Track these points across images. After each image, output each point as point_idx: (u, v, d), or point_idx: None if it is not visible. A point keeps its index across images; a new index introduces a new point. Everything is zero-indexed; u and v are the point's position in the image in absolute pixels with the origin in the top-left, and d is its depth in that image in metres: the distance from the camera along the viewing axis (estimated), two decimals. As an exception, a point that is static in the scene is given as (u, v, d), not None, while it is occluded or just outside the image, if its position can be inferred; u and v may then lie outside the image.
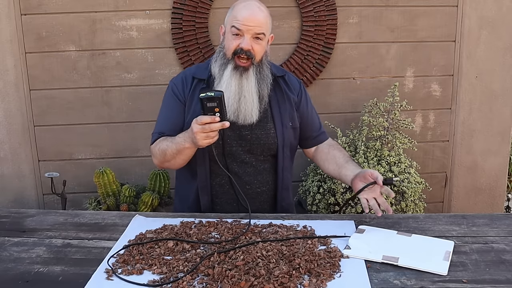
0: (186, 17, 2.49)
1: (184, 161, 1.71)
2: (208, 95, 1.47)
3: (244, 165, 1.77)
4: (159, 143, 1.73)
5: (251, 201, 1.73)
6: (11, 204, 2.62)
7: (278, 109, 1.79)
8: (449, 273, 1.26)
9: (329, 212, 2.39)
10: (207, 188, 1.78)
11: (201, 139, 1.51)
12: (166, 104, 1.83)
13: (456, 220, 1.59)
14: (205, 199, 1.78)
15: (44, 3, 2.44)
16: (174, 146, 1.64)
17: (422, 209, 2.41)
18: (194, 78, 1.79)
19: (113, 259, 1.35)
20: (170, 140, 1.68)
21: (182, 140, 1.61)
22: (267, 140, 1.76)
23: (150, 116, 2.60)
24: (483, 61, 2.66)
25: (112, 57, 2.53)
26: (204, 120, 1.49)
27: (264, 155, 1.79)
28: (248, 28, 1.65)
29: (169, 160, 1.69)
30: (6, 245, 1.44)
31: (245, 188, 1.77)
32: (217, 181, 1.79)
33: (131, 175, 2.65)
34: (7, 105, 2.53)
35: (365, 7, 2.57)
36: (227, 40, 1.70)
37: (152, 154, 1.79)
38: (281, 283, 1.18)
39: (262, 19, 1.67)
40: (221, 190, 1.79)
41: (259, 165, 1.80)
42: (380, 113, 2.45)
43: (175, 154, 1.66)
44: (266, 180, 1.81)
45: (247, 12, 1.65)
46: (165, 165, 1.75)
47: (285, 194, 1.85)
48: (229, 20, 1.70)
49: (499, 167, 2.79)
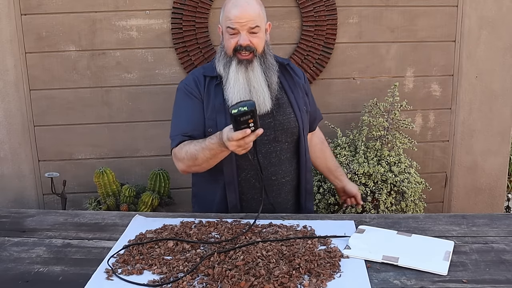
0: (186, 17, 2.49)
1: (216, 163, 1.68)
2: (241, 110, 1.38)
3: (269, 156, 1.78)
4: (185, 147, 1.69)
5: (276, 192, 1.79)
6: (11, 204, 2.62)
7: (292, 94, 1.83)
8: (449, 273, 1.25)
9: (329, 212, 2.39)
10: (234, 185, 1.76)
11: (239, 152, 1.50)
12: (183, 105, 1.79)
13: (456, 220, 1.59)
14: (232, 196, 1.77)
15: (44, 3, 2.44)
16: (207, 151, 1.61)
17: (422, 209, 2.41)
18: (205, 76, 1.79)
19: (113, 259, 1.35)
20: (200, 145, 1.64)
21: (218, 145, 1.57)
22: (289, 125, 1.79)
23: (150, 116, 2.60)
24: (483, 61, 2.66)
25: (112, 57, 2.53)
26: (236, 137, 1.43)
27: (288, 142, 1.81)
28: (242, 25, 1.67)
29: (200, 164, 1.66)
30: (6, 245, 1.44)
31: (271, 179, 1.78)
32: (243, 176, 1.78)
33: (131, 175, 2.65)
34: (7, 105, 2.53)
35: (365, 7, 2.57)
36: (225, 39, 1.73)
37: (176, 159, 1.73)
38: (281, 283, 1.18)
39: (252, 12, 1.68)
40: (247, 185, 1.79)
41: (282, 154, 1.81)
42: (380, 113, 2.45)
43: (209, 158, 1.63)
44: (289, 169, 1.83)
45: (237, 10, 1.67)
46: (193, 169, 1.72)
47: (309, 176, 1.90)
48: (223, 20, 1.73)
49: (499, 167, 2.79)
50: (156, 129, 2.60)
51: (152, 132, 2.62)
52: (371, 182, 2.31)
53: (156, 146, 2.64)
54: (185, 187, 2.54)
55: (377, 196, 2.29)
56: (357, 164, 2.32)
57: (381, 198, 2.28)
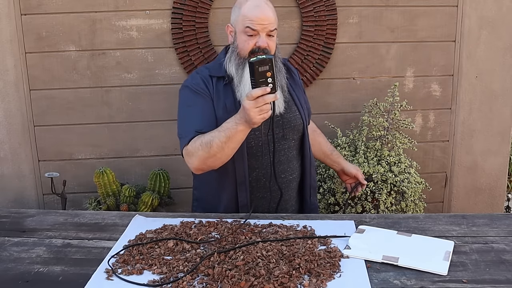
0: (186, 17, 2.49)
1: (233, 150, 1.59)
2: (259, 58, 1.37)
3: (278, 154, 1.78)
4: (198, 139, 1.61)
5: (285, 190, 1.80)
6: (11, 204, 2.62)
7: (294, 92, 1.86)
8: (449, 273, 1.26)
9: (329, 212, 2.39)
10: (245, 184, 1.75)
11: (256, 115, 1.44)
12: (192, 103, 1.73)
13: (456, 220, 1.59)
14: (243, 195, 1.75)
15: (44, 3, 2.44)
16: (223, 133, 1.54)
17: (422, 209, 2.41)
18: (211, 76, 1.76)
19: (113, 259, 1.35)
20: (215, 131, 1.58)
21: (234, 124, 1.52)
22: (295, 122, 1.80)
23: (150, 116, 2.60)
24: (483, 61, 2.66)
25: (112, 57, 2.53)
26: (255, 94, 1.41)
27: (295, 139, 1.83)
28: (263, 27, 1.65)
29: (215, 153, 1.57)
30: (6, 245, 1.44)
31: (280, 177, 1.79)
32: (254, 175, 1.77)
33: (131, 175, 2.65)
34: (7, 105, 2.53)
35: (365, 7, 2.57)
36: (241, 40, 1.68)
37: (188, 155, 1.64)
38: (281, 283, 1.18)
39: (272, 15, 1.68)
40: (257, 185, 1.78)
41: (289, 152, 1.82)
42: (380, 113, 2.45)
43: (224, 142, 1.54)
44: (295, 166, 1.84)
45: (258, 11, 1.65)
46: (209, 161, 1.61)
47: (313, 172, 1.92)
48: (239, 19, 1.68)
49: (499, 167, 2.79)
50: (156, 129, 2.60)
51: (152, 132, 2.62)
52: (371, 182, 2.31)
53: (156, 146, 2.64)
54: (185, 187, 2.55)
55: (377, 196, 2.29)
56: (357, 164, 2.32)
57: (381, 198, 2.28)
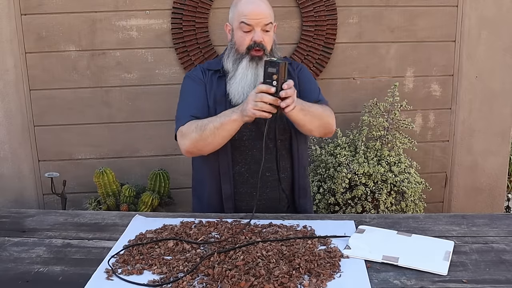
0: (186, 17, 2.49)
1: (223, 139, 1.66)
2: (273, 59, 1.51)
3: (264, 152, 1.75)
4: (194, 122, 1.69)
5: (271, 189, 1.79)
6: (11, 204, 2.62)
7: None
8: (449, 273, 1.25)
9: (329, 212, 2.39)
10: (229, 176, 1.78)
11: (250, 107, 1.52)
12: (190, 91, 1.82)
13: (456, 220, 1.59)
14: (227, 187, 1.78)
15: (44, 3, 2.44)
16: (218, 119, 1.64)
17: (422, 209, 2.41)
18: (209, 70, 1.84)
19: (113, 259, 1.35)
20: (213, 117, 1.67)
21: (230, 111, 1.62)
22: (282, 122, 1.78)
23: (150, 116, 2.60)
24: (483, 61, 2.66)
25: (112, 57, 2.53)
26: (260, 88, 1.51)
27: (282, 140, 1.81)
28: (257, 21, 1.70)
29: (207, 137, 1.64)
30: (6, 245, 1.44)
31: (265, 175, 1.78)
32: (237, 169, 1.79)
33: (131, 175, 2.65)
34: (7, 105, 2.53)
35: (365, 7, 2.57)
36: (238, 36, 1.74)
37: (182, 136, 1.71)
38: (281, 283, 1.18)
39: (267, 9, 1.73)
40: (240, 179, 1.79)
41: (277, 151, 1.81)
42: (380, 113, 2.45)
43: (217, 128, 1.62)
44: (285, 167, 1.83)
45: (252, 6, 1.71)
46: (199, 145, 1.67)
47: (302, 172, 1.87)
48: (235, 16, 1.74)
49: (499, 167, 2.79)
50: (156, 129, 2.60)
51: (152, 132, 2.62)
52: (371, 182, 2.31)
53: (156, 146, 2.64)
54: (185, 187, 2.55)
55: (377, 196, 2.30)
56: (357, 164, 2.32)
57: (381, 198, 2.28)
